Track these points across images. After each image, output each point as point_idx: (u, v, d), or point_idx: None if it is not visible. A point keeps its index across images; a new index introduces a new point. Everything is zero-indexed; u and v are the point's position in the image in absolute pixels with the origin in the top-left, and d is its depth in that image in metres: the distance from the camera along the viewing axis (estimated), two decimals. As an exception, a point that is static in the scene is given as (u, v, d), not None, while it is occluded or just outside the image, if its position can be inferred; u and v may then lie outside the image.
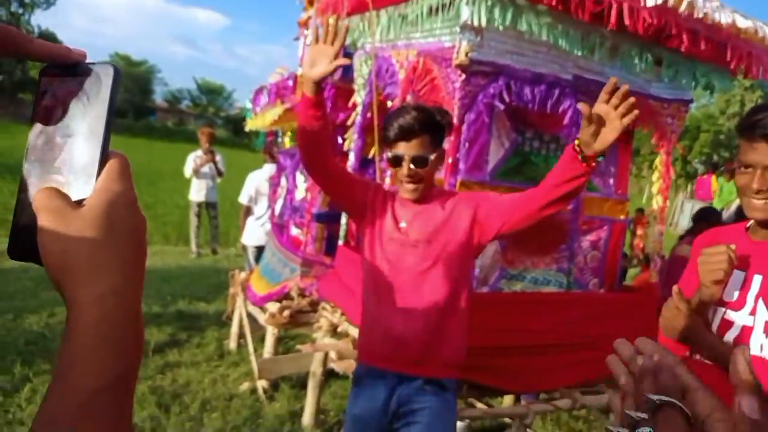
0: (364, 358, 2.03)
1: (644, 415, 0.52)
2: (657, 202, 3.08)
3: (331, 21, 1.82)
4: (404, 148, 1.87)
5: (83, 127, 0.45)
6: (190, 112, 50.63)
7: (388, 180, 2.95)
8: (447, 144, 2.61)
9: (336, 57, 1.76)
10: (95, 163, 0.44)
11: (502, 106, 2.58)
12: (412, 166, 1.87)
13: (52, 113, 0.46)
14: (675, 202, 10.83)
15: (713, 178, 10.55)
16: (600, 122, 1.58)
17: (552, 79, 2.63)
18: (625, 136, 3.12)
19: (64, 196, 0.44)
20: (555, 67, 2.64)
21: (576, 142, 1.63)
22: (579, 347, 2.73)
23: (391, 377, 1.93)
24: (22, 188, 0.46)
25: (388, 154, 1.93)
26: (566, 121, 2.72)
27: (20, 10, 39.37)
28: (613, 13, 2.38)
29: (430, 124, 1.88)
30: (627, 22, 2.41)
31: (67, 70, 0.47)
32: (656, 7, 2.33)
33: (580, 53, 2.61)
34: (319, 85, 1.80)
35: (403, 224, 1.95)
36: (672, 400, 0.51)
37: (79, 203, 0.43)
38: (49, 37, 39.71)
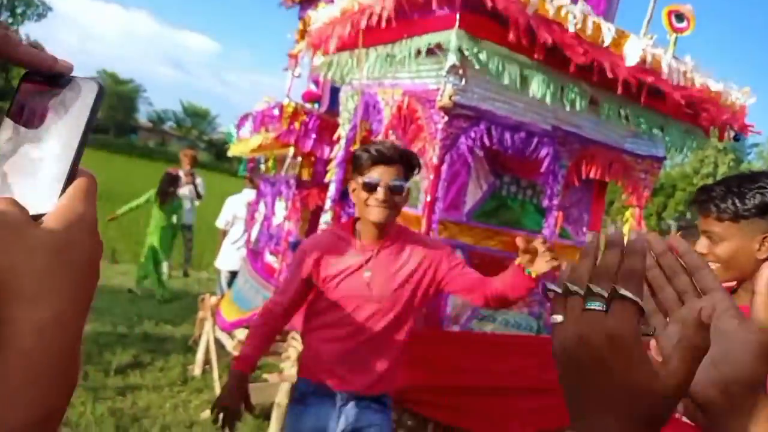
0: (314, 378, 2.05)
1: (603, 292, 0.51)
2: (627, 253, 3.15)
3: None
4: (381, 173, 1.90)
5: (55, 141, 0.43)
6: (174, 133, 50.48)
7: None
8: (425, 183, 2.66)
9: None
10: (61, 179, 0.42)
11: (481, 152, 2.65)
12: (389, 192, 1.90)
13: (25, 121, 0.44)
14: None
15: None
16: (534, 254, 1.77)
17: (531, 128, 2.72)
18: (598, 187, 3.22)
19: (22, 209, 0.40)
20: (535, 116, 2.73)
21: (522, 264, 1.80)
22: (545, 393, 2.75)
23: (340, 396, 2.00)
24: None
25: (361, 180, 1.93)
26: (543, 168, 2.80)
27: (10, 20, 39.21)
28: (595, 68, 2.50)
29: (407, 158, 1.97)
30: (609, 75, 2.52)
31: (50, 80, 0.44)
32: (636, 66, 2.45)
33: (560, 105, 2.71)
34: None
35: (366, 273, 1.98)
36: (633, 297, 0.50)
37: (37, 219, 0.40)
38: (36, 48, 39.46)
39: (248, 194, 5.25)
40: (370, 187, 1.91)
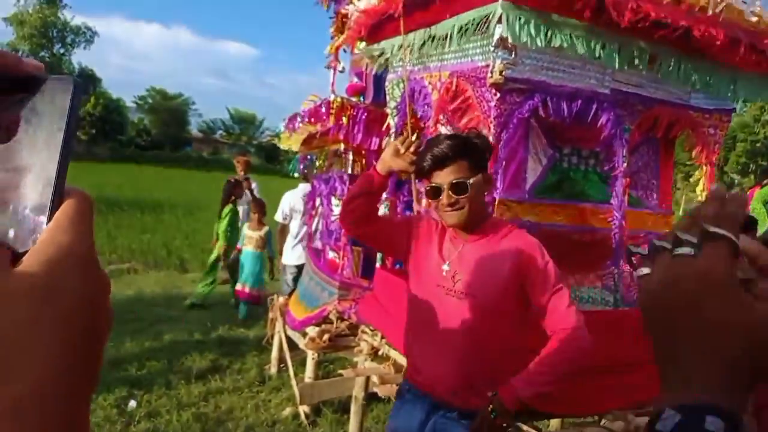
0: (409, 377, 2.02)
1: (693, 239, 0.48)
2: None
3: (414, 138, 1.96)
4: (441, 177, 1.82)
5: (34, 158, 0.35)
6: (224, 141, 51.83)
7: (424, 201, 2.94)
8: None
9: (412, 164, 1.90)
10: (46, 204, 0.34)
11: (535, 124, 2.56)
12: (451, 193, 1.80)
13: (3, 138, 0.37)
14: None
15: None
16: None
17: (589, 94, 2.59)
18: (665, 148, 3.05)
19: None
20: (592, 81, 2.60)
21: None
22: (630, 368, 2.64)
23: (430, 401, 1.92)
24: None
25: (427, 186, 1.88)
26: (605, 135, 2.68)
27: (62, 50, 41.22)
28: (651, 23, 2.35)
29: (466, 149, 1.83)
30: (662, 32, 2.37)
31: (19, 85, 0.37)
32: (694, 15, 2.29)
33: (617, 66, 2.57)
34: (389, 175, 1.96)
35: (446, 267, 1.88)
36: (726, 234, 0.47)
37: (20, 258, 0.33)
38: (87, 73, 41.39)
39: (304, 188, 5.29)
40: (435, 194, 1.84)
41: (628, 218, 2.89)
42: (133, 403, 3.84)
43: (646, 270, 0.52)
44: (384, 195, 3.42)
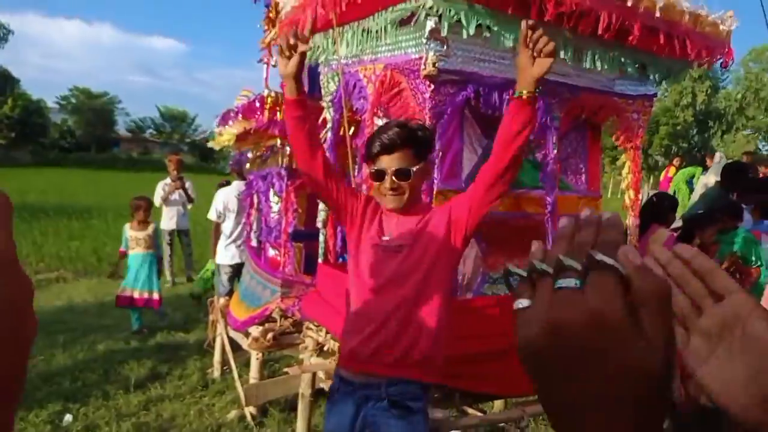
0: (342, 363, 2.04)
1: (577, 265, 0.43)
2: (629, 196, 3.14)
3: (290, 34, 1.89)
4: (387, 162, 1.92)
5: None
6: (155, 140, 49.97)
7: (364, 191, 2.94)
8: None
9: (300, 57, 1.89)
10: None
11: (469, 115, 2.60)
12: (394, 178, 1.91)
13: None
14: (641, 194, 11.18)
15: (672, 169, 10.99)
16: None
17: (518, 83, 2.66)
18: (592, 133, 3.18)
19: None
20: (520, 71, 2.67)
21: (515, 91, 1.82)
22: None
23: (359, 394, 1.94)
24: None
25: (372, 168, 1.96)
26: (536, 125, 2.76)
27: (-28, 49, 38.48)
28: (575, 13, 2.44)
29: (412, 138, 1.94)
30: (585, 24, 2.46)
31: None
32: (616, 7, 2.39)
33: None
34: (298, 82, 1.92)
35: (386, 236, 1.99)
36: (614, 264, 0.42)
37: None
38: (3, 74, 38.85)
39: (237, 185, 5.19)
40: (379, 177, 1.94)
41: (560, 203, 3.00)
42: (68, 418, 3.65)
43: (525, 302, 0.46)
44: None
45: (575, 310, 0.41)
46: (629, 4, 2.41)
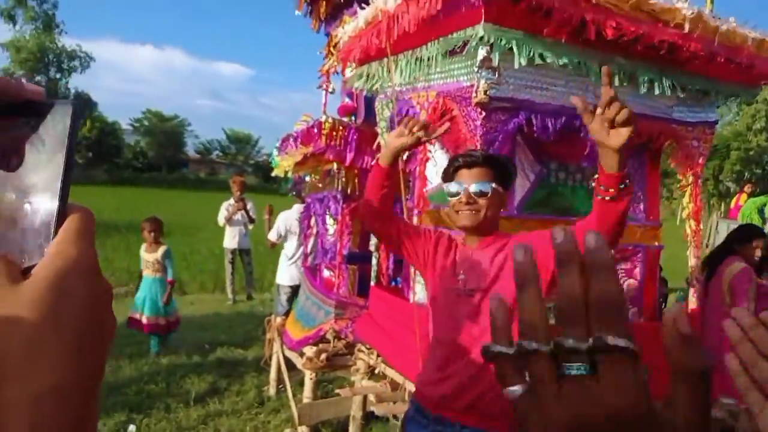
0: (417, 396, 1.98)
1: (581, 345, 0.37)
2: (690, 226, 3.03)
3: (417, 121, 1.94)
4: (465, 176, 1.88)
5: (38, 178, 0.37)
6: (221, 161, 52.04)
7: (416, 219, 2.98)
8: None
9: (414, 142, 1.92)
10: (51, 221, 0.37)
11: (521, 141, 2.61)
12: (471, 193, 1.85)
13: (4, 164, 0.38)
14: (709, 222, 10.55)
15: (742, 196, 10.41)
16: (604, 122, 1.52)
17: (573, 110, 2.63)
18: (652, 160, 3.10)
19: (9, 266, 0.35)
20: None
21: (595, 181, 1.61)
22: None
23: (432, 428, 1.87)
24: None
25: (449, 186, 1.91)
26: (589, 150, 2.73)
27: (58, 75, 41.55)
28: (630, 39, 2.41)
29: (493, 161, 1.90)
30: (641, 47, 2.43)
31: (23, 111, 0.38)
32: (672, 33, 2.35)
33: (599, 82, 2.63)
34: (397, 157, 1.94)
35: (461, 276, 1.90)
36: (629, 346, 0.36)
37: (29, 271, 0.35)
38: (84, 97, 41.68)
39: (299, 209, 5.34)
40: (454, 193, 1.90)
41: (618, 231, 2.93)
42: (132, 428, 3.83)
43: (517, 389, 0.40)
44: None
45: (594, 407, 0.36)
46: (686, 29, 2.36)
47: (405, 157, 3.13)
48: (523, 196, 2.84)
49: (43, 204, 0.37)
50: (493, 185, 1.86)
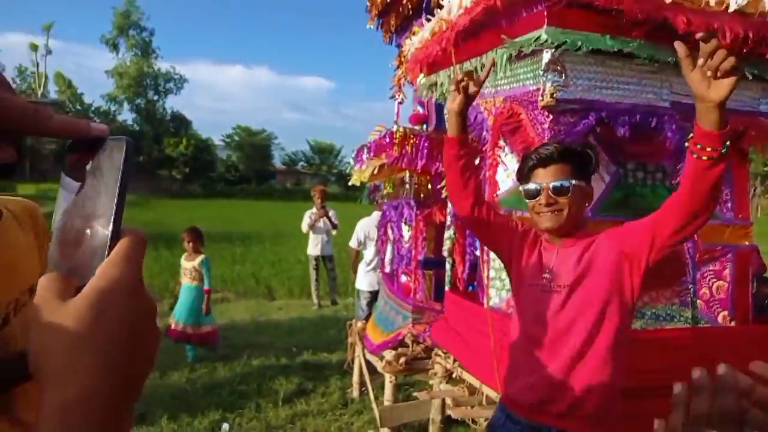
0: (506, 401, 1.87)
1: None
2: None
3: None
4: (542, 175, 1.76)
5: (97, 206, 0.42)
6: (306, 171, 53.72)
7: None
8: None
9: (466, 97, 1.81)
10: (105, 243, 0.41)
11: (594, 143, 2.56)
12: (550, 193, 1.73)
13: (73, 191, 0.44)
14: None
15: None
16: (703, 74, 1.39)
17: (648, 109, 2.56)
18: (738, 159, 2.93)
19: (63, 283, 0.40)
20: (649, 96, 2.58)
21: (690, 141, 1.49)
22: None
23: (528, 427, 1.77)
24: (44, 270, 0.44)
25: (525, 187, 1.81)
26: (670, 147, 2.63)
27: (155, 97, 44.73)
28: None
29: (570, 154, 1.76)
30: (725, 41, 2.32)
31: (89, 147, 0.44)
32: (751, 22, 2.23)
33: (675, 78, 2.54)
34: (463, 120, 1.83)
35: (546, 275, 1.80)
36: None
37: (81, 289, 0.40)
38: (179, 117, 44.53)
39: (378, 216, 5.47)
40: (532, 194, 1.78)
41: (703, 231, 2.79)
42: (226, 427, 4.09)
43: None
44: (449, 219, 3.49)
45: None
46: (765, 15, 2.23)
47: (477, 162, 3.15)
48: (598, 198, 2.77)
49: (101, 228, 0.42)
50: (574, 181, 1.73)
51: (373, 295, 5.38)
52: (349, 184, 4.87)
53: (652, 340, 2.67)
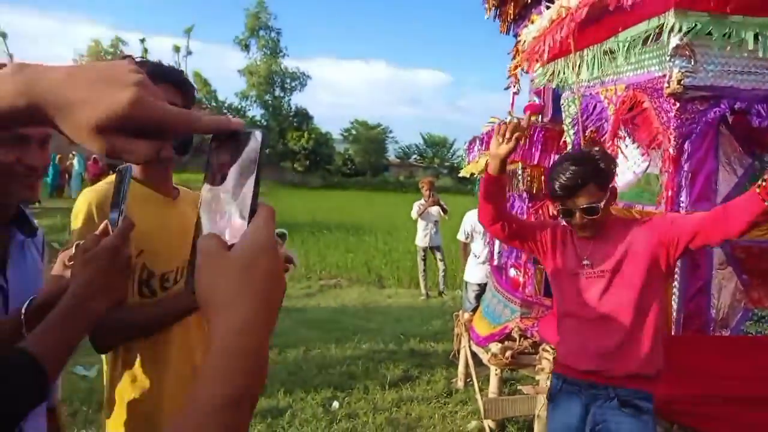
0: (563, 372, 2.09)
1: None
2: None
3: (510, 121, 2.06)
4: (571, 203, 1.94)
5: (238, 186, 0.52)
6: (419, 164, 54.06)
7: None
8: (665, 177, 2.48)
9: (515, 144, 1.99)
10: (246, 215, 0.52)
11: (726, 132, 2.38)
12: (583, 215, 1.92)
13: (216, 174, 0.54)
14: None
15: None
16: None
17: (790, 94, 2.34)
18: None
19: (220, 241, 0.51)
20: (793, 80, 2.35)
21: (761, 187, 1.63)
22: None
23: (585, 394, 1.98)
24: (197, 234, 0.55)
25: (558, 207, 2.00)
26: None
27: (282, 94, 47.24)
28: None
29: (591, 173, 1.91)
30: None
31: (229, 138, 0.54)
32: None
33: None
34: (504, 163, 2.01)
35: (586, 261, 2.00)
36: None
37: (231, 247, 0.50)
38: (302, 113, 46.69)
39: None
40: (566, 215, 1.98)
41: None
42: (335, 404, 4.30)
43: None
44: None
45: None
46: None
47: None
48: (729, 192, 2.57)
49: (243, 203, 0.53)
50: (602, 203, 1.90)
51: (482, 288, 5.36)
52: (460, 176, 4.87)
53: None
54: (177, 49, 45.35)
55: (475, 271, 5.47)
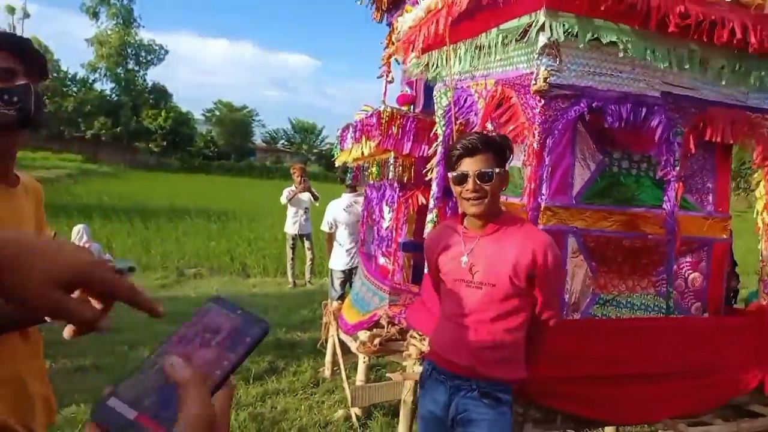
0: (434, 358, 2.20)
1: None
2: (763, 220, 2.86)
3: None
4: (468, 165, 1.99)
5: (218, 357, 0.52)
6: (286, 150, 53.20)
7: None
8: (528, 170, 2.60)
9: None
10: (215, 386, 0.51)
11: (583, 129, 2.55)
12: (477, 180, 1.97)
13: (197, 336, 0.54)
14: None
15: None
16: None
17: (638, 98, 2.56)
18: (722, 150, 2.95)
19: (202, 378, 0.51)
20: (641, 84, 2.57)
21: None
22: (682, 376, 2.57)
23: (450, 384, 2.09)
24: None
25: (453, 174, 2.03)
26: (656, 138, 2.63)
27: (136, 67, 43.68)
28: (703, 25, 2.30)
29: (491, 143, 2.01)
30: (717, 35, 2.32)
31: (229, 308, 0.57)
32: (747, 16, 2.23)
33: (668, 68, 2.53)
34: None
35: (464, 258, 2.05)
36: None
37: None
38: (160, 90, 43.59)
39: (347, 198, 5.47)
40: (460, 180, 2.00)
41: (683, 223, 2.82)
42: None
43: None
44: (432, 202, 3.47)
45: None
46: (767, 10, 2.22)
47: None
48: (583, 186, 2.77)
49: (218, 372, 0.52)
50: (496, 169, 1.98)
51: (346, 275, 5.36)
52: (336, 164, 4.80)
53: (627, 329, 2.70)
54: (11, 10, 39.96)
55: (339, 259, 5.46)
